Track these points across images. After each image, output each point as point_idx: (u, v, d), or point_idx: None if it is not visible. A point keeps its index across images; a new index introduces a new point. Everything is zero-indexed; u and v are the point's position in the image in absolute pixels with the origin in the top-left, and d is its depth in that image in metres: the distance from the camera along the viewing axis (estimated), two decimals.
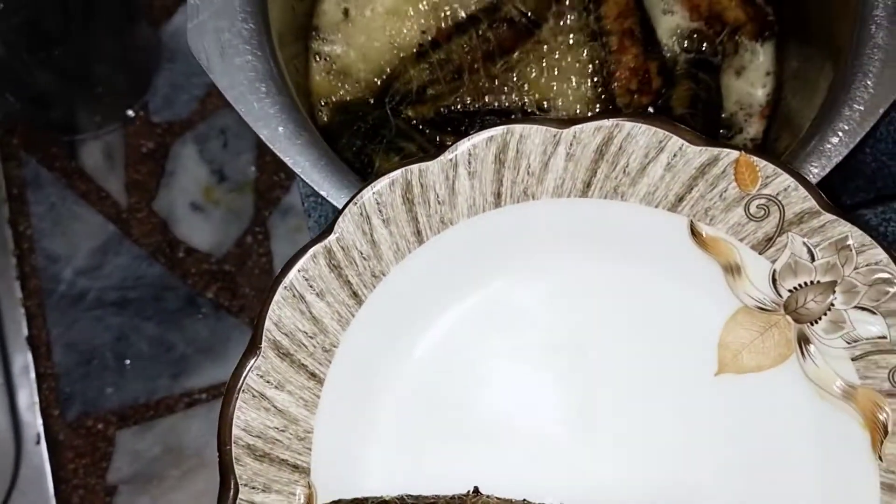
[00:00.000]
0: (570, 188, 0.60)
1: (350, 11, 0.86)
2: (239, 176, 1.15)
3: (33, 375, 1.10)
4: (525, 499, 0.61)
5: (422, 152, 0.81)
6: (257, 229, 1.13)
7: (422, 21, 0.85)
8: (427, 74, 0.83)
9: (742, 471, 0.62)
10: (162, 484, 1.10)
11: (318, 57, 0.86)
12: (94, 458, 1.10)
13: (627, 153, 0.59)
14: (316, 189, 0.68)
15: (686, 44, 0.86)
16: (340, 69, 0.85)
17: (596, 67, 0.84)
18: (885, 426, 0.58)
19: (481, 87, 0.83)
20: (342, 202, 0.68)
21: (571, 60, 0.84)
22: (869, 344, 0.58)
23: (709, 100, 0.83)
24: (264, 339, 0.60)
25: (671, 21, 0.86)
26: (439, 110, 0.83)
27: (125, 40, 1.11)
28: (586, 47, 0.84)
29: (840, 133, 0.68)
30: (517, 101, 0.84)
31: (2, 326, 1.10)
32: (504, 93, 0.84)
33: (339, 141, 0.82)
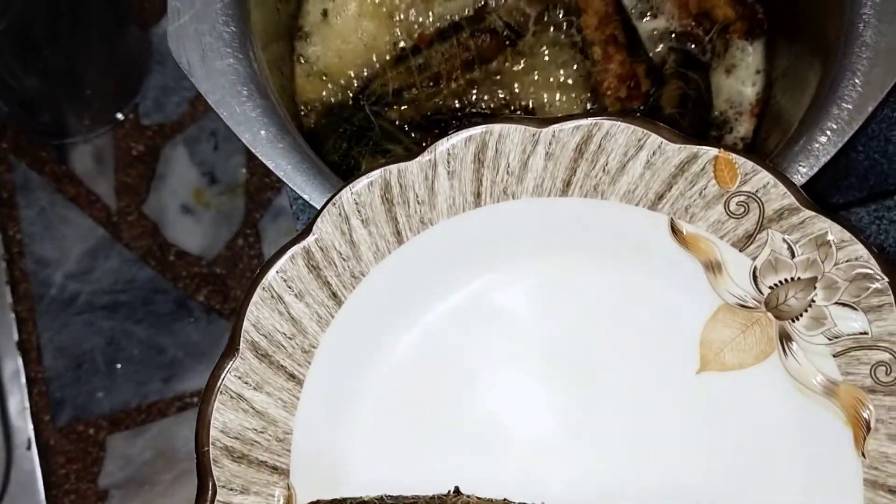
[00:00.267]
0: (550, 187, 0.60)
1: (328, 12, 0.86)
2: (229, 178, 1.15)
3: (24, 380, 1.10)
4: (506, 498, 0.60)
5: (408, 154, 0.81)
6: (248, 232, 1.13)
7: (396, 31, 0.85)
8: (405, 78, 0.83)
9: (725, 468, 0.61)
10: (154, 488, 1.09)
11: (301, 58, 0.86)
12: (86, 463, 1.09)
13: (607, 152, 0.59)
14: (298, 192, 0.68)
15: (674, 42, 0.85)
16: (319, 71, 0.85)
17: (581, 78, 0.83)
18: (868, 422, 0.58)
19: (464, 92, 0.83)
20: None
21: (556, 72, 0.84)
22: (850, 340, 0.58)
23: (698, 98, 0.83)
24: (242, 341, 0.60)
25: (657, 23, 0.86)
26: (426, 113, 0.83)
27: (114, 43, 1.11)
28: (570, 59, 0.84)
29: (828, 132, 0.67)
30: (504, 105, 0.83)
31: None
32: (490, 97, 0.83)
33: (326, 143, 0.81)
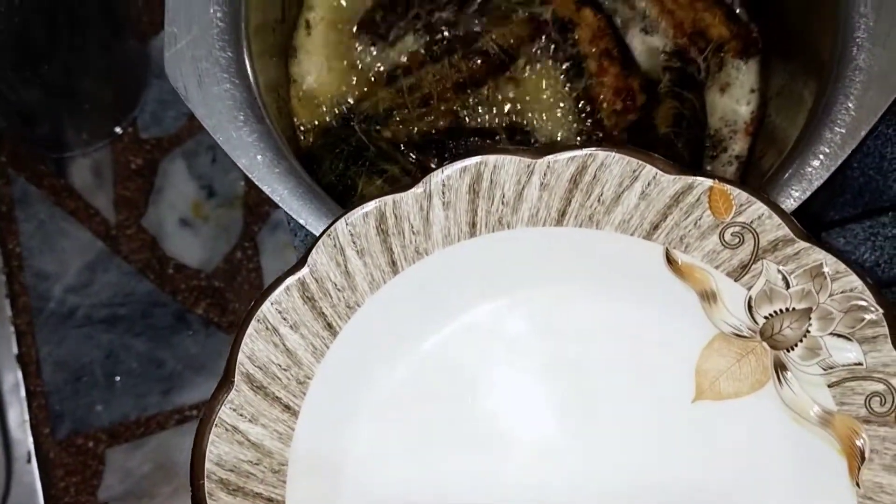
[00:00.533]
0: (545, 217, 0.60)
1: (311, 30, 0.86)
2: (228, 191, 1.15)
3: (23, 393, 1.10)
4: None
5: (405, 174, 0.81)
6: (246, 244, 1.13)
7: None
8: (395, 98, 0.82)
9: (721, 497, 0.61)
10: (153, 501, 1.10)
11: (293, 78, 0.86)
12: (85, 476, 1.10)
13: (602, 182, 0.59)
14: (295, 217, 0.68)
15: (669, 61, 0.85)
16: (309, 89, 0.85)
17: (576, 93, 0.83)
18: (863, 452, 0.58)
19: (456, 112, 0.83)
20: (320, 230, 0.68)
21: (548, 92, 0.84)
22: (845, 371, 0.58)
23: (693, 118, 0.83)
24: (237, 373, 0.60)
25: (652, 40, 0.86)
26: (418, 132, 0.82)
27: (112, 56, 1.11)
28: (562, 79, 0.84)
29: (821, 156, 0.67)
30: (500, 123, 0.83)
31: None
32: (482, 117, 0.83)
33: (322, 164, 0.81)
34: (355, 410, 0.63)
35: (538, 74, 0.84)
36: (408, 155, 0.82)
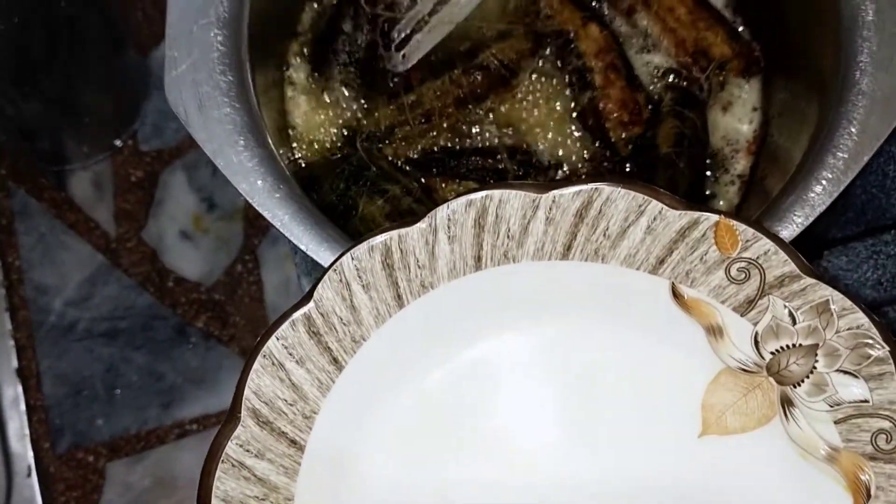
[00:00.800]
0: (551, 251, 0.60)
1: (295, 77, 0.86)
2: (228, 204, 1.14)
3: (23, 407, 1.10)
4: None
5: (406, 194, 0.80)
6: (247, 257, 1.13)
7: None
8: (396, 115, 0.82)
9: None
10: None
11: (291, 96, 0.86)
12: (86, 491, 1.10)
13: (607, 217, 0.59)
14: (295, 243, 0.68)
15: (671, 79, 0.85)
16: (307, 112, 0.85)
17: (581, 107, 0.83)
18: (868, 489, 0.58)
19: (459, 129, 0.83)
20: (321, 255, 0.68)
21: (549, 108, 0.84)
22: (851, 407, 0.58)
23: (694, 137, 0.83)
24: (244, 408, 0.60)
25: (654, 58, 0.86)
26: (420, 150, 0.82)
27: (113, 69, 1.11)
28: (564, 94, 0.84)
29: (824, 181, 0.67)
30: (501, 141, 0.83)
31: None
32: (486, 133, 0.83)
33: (323, 183, 0.81)
34: (361, 444, 0.63)
35: (539, 90, 0.84)
36: (409, 174, 0.82)
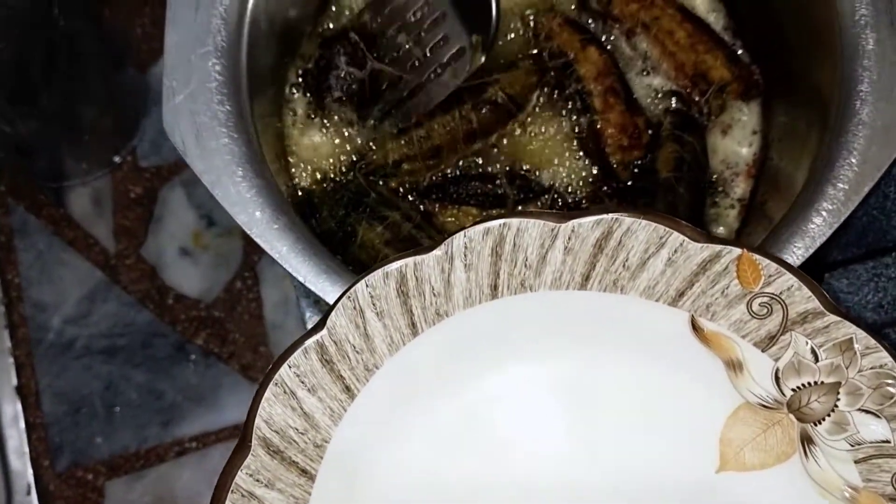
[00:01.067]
0: (569, 281, 0.59)
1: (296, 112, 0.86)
2: (227, 220, 1.12)
3: (23, 425, 1.09)
4: None
5: (406, 220, 0.80)
6: (246, 274, 1.12)
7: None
8: (404, 150, 0.82)
9: None
10: None
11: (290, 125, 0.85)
12: None
13: (627, 248, 0.58)
14: (293, 274, 0.67)
15: (671, 102, 0.85)
16: (306, 143, 0.85)
17: (581, 132, 0.83)
18: None
19: (465, 162, 0.82)
20: (320, 287, 0.67)
21: (554, 131, 0.83)
22: (872, 447, 0.57)
23: (694, 161, 0.82)
24: (254, 437, 0.59)
25: (653, 80, 0.85)
26: (424, 181, 0.82)
27: (111, 86, 1.10)
28: (569, 123, 0.83)
29: (824, 213, 0.67)
30: (501, 167, 0.83)
31: None
32: (486, 158, 0.83)
33: (321, 210, 0.80)
34: (373, 474, 0.62)
35: (541, 116, 0.83)
36: (408, 200, 0.82)
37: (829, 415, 0.58)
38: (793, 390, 0.58)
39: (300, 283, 0.80)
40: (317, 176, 0.83)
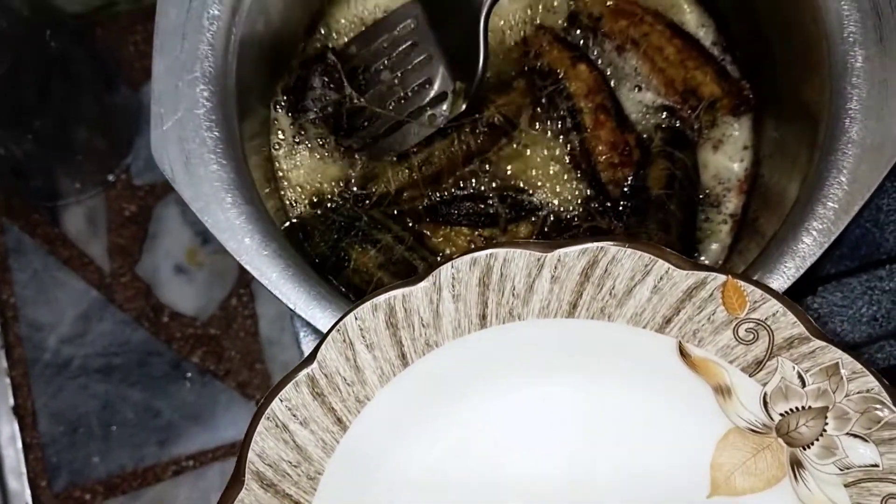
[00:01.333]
0: (556, 309, 0.59)
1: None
2: None
3: (20, 445, 1.09)
4: None
5: (398, 243, 0.80)
6: (242, 291, 1.12)
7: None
8: (406, 177, 0.82)
9: None
10: None
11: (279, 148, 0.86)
12: None
13: (613, 276, 0.58)
14: (283, 301, 0.68)
15: (661, 118, 0.85)
16: (296, 167, 0.85)
17: (572, 150, 0.83)
18: None
19: (457, 179, 0.82)
20: (310, 314, 0.67)
21: (546, 150, 0.83)
22: (861, 471, 0.57)
23: (685, 178, 0.82)
24: (248, 472, 0.59)
25: (643, 96, 0.85)
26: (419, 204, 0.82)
27: (104, 105, 1.10)
28: (558, 137, 0.83)
29: (814, 232, 0.67)
30: (492, 186, 0.83)
31: None
32: (479, 179, 0.83)
33: (314, 234, 0.80)
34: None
35: (532, 135, 0.83)
36: (399, 221, 0.82)
37: (818, 439, 0.58)
38: (781, 415, 0.59)
39: None
40: (308, 199, 0.83)
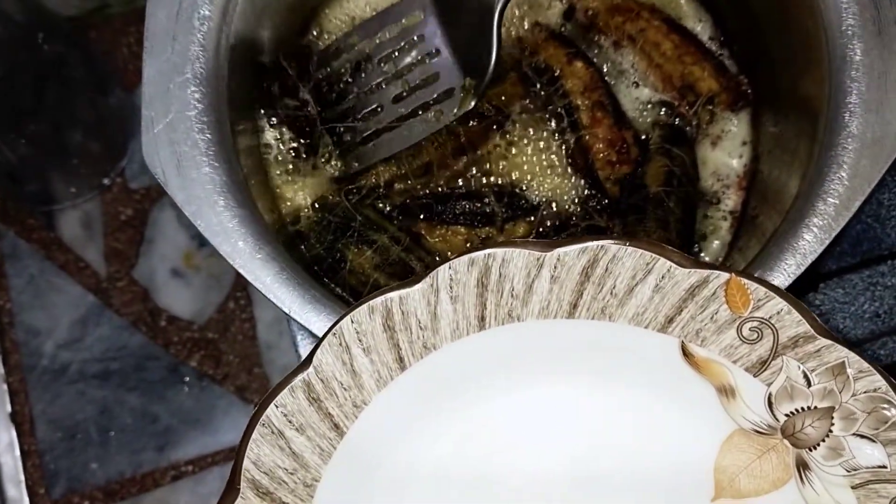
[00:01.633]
0: (556, 309, 0.58)
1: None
2: None
3: (18, 452, 1.08)
4: None
5: (394, 243, 0.79)
6: (239, 294, 1.11)
7: None
8: (395, 169, 0.81)
9: None
10: None
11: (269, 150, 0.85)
12: None
13: (614, 275, 0.57)
14: (278, 304, 0.66)
15: (659, 114, 0.84)
16: (285, 164, 0.84)
17: (569, 148, 0.82)
18: None
19: (453, 177, 0.81)
20: (305, 317, 0.66)
21: (543, 148, 0.82)
22: (869, 473, 0.56)
23: (684, 175, 0.81)
24: (243, 479, 0.58)
25: (641, 93, 0.84)
26: (413, 198, 0.81)
27: (98, 108, 1.09)
28: (554, 135, 0.82)
29: (815, 229, 0.66)
30: (490, 184, 0.82)
31: None
32: (475, 176, 0.82)
33: (309, 237, 0.79)
34: None
35: (529, 132, 0.82)
36: (395, 221, 0.81)
37: (824, 440, 0.57)
38: (786, 415, 0.57)
39: None
40: (302, 200, 0.82)
